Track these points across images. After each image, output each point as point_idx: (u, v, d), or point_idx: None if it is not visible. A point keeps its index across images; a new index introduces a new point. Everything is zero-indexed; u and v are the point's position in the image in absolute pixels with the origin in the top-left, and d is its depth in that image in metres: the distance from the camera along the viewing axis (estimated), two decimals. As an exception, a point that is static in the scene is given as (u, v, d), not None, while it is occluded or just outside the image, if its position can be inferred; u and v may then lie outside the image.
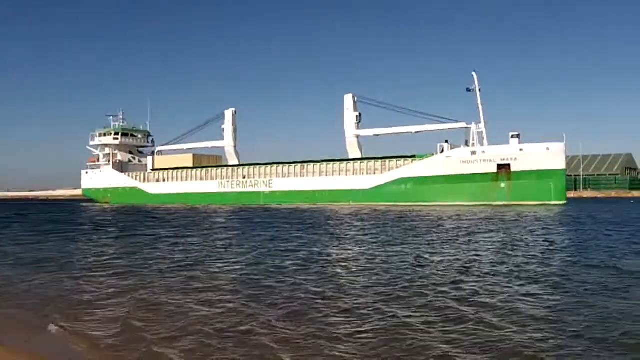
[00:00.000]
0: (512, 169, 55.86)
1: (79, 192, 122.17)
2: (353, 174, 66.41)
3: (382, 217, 34.82)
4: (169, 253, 16.57)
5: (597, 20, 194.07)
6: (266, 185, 72.75)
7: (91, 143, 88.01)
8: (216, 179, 77.26)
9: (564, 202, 55.37)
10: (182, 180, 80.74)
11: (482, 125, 59.38)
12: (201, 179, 78.88)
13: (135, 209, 59.50)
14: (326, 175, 68.41)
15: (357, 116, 69.04)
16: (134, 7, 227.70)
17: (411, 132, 66.40)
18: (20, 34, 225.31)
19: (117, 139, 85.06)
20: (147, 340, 7.24)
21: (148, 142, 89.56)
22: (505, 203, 55.08)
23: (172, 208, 60.31)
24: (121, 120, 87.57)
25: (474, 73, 60.56)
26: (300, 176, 70.44)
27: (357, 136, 68.99)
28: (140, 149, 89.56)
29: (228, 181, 76.08)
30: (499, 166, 56.45)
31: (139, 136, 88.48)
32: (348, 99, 69.47)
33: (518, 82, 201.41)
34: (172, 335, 7.47)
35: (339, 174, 67.50)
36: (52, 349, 7.34)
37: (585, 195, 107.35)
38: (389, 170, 63.67)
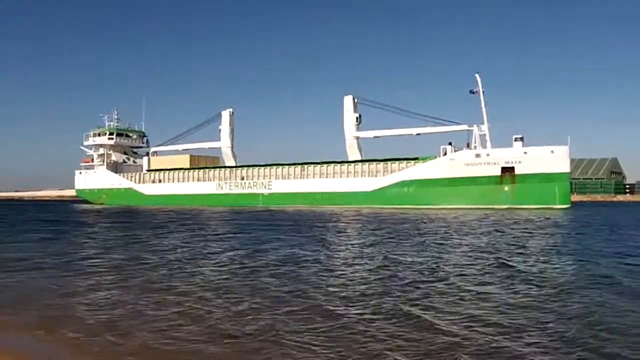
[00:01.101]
0: (516, 172, 56.03)
1: (66, 192, 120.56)
2: (354, 176, 66.11)
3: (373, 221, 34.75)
4: (115, 254, 16.56)
5: (597, 20, 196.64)
6: (265, 187, 72.11)
7: (85, 143, 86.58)
8: (214, 180, 76.26)
9: (568, 205, 55.82)
10: (178, 181, 79.65)
11: (485, 127, 59.45)
12: (198, 180, 77.86)
13: (122, 210, 58.37)
14: (327, 177, 68.00)
15: (357, 118, 68.82)
16: (134, 7, 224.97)
17: (412, 134, 66.36)
18: (20, 34, 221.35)
19: (112, 139, 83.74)
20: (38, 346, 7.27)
21: (143, 143, 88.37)
22: (509, 206, 55.25)
23: (165, 209, 59.31)
24: (115, 120, 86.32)
25: (477, 75, 60.22)
26: (300, 178, 69.90)
27: (357, 138, 68.77)
28: (135, 150, 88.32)
29: (226, 182, 75.21)
30: (503, 169, 56.58)
31: (134, 136, 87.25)
32: (348, 101, 69.21)
33: (518, 83, 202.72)
34: (75, 337, 7.47)
35: (340, 176, 67.18)
36: None
37: (571, 199, 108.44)
38: (391, 172, 63.48)
